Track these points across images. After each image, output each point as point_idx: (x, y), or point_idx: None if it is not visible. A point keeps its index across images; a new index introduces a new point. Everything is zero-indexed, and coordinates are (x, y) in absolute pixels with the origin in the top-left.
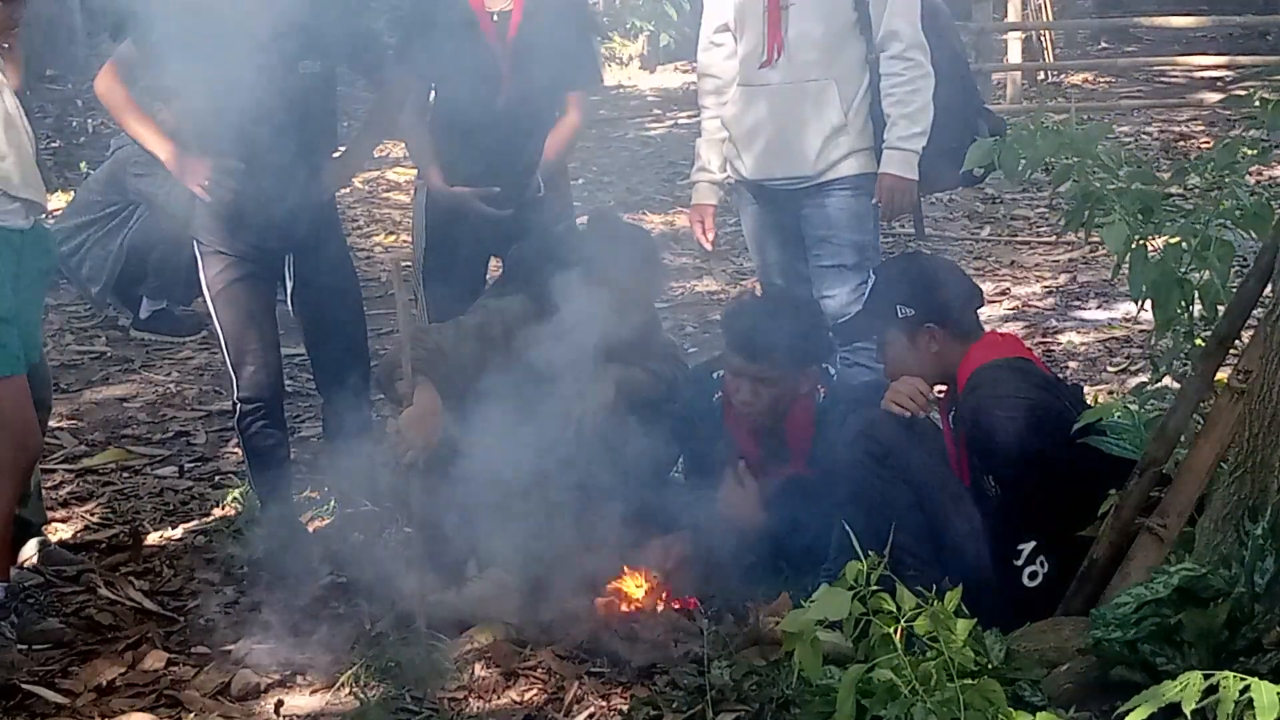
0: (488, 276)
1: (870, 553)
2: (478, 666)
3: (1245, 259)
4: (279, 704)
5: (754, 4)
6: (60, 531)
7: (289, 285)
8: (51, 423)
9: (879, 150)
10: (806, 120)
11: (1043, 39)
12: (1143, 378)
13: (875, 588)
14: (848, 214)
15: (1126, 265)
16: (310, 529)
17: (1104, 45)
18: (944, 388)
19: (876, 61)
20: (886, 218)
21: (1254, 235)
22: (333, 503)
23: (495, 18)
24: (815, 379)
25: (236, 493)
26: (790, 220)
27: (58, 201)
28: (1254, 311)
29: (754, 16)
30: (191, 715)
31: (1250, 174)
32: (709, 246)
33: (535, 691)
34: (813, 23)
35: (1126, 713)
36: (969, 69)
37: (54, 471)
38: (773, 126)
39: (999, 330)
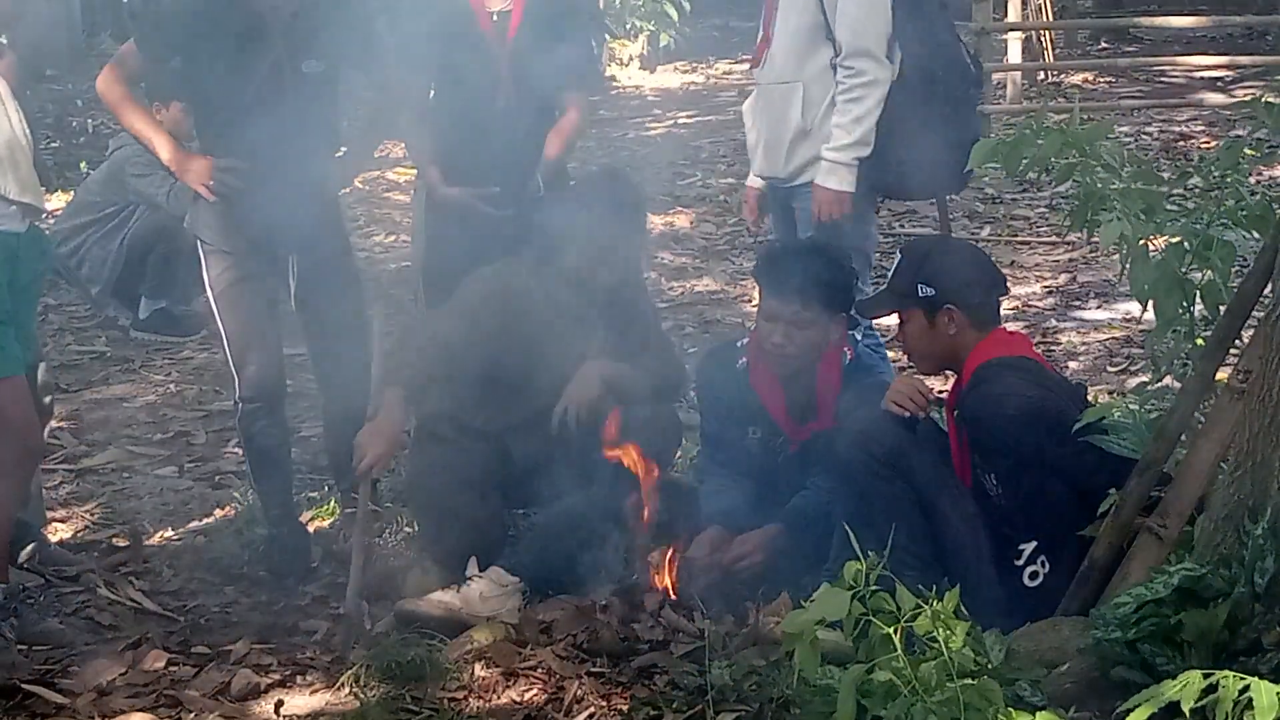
0: None
1: (870, 553)
2: (478, 666)
3: (1246, 259)
4: (279, 704)
5: (769, 3)
6: (60, 531)
7: (292, 285)
8: (51, 423)
9: None
10: (778, 122)
11: (1043, 39)
12: (1143, 378)
13: (875, 588)
14: None
15: (1128, 265)
16: (310, 529)
17: (1104, 45)
18: (947, 388)
19: None
20: (821, 227)
21: (1256, 235)
22: (333, 502)
23: (495, 18)
24: (844, 330)
25: (236, 493)
26: (791, 215)
27: (57, 201)
28: (1254, 311)
29: (763, 15)
30: (191, 715)
31: (1251, 174)
32: (753, 227)
33: (535, 691)
34: (786, 25)
35: (1126, 712)
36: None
37: (54, 471)
38: (762, 125)
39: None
